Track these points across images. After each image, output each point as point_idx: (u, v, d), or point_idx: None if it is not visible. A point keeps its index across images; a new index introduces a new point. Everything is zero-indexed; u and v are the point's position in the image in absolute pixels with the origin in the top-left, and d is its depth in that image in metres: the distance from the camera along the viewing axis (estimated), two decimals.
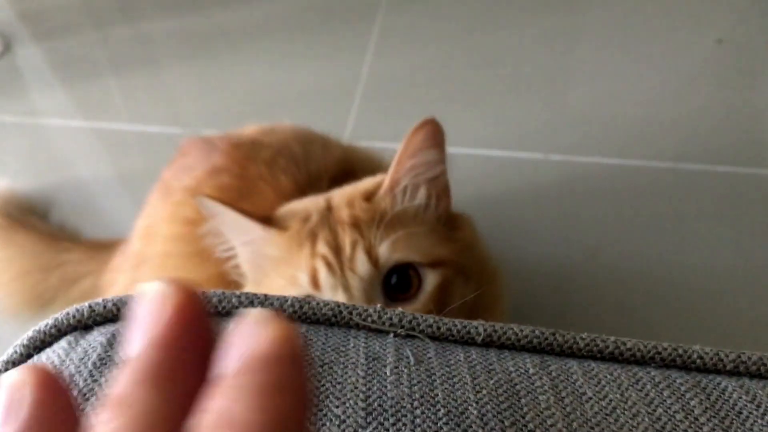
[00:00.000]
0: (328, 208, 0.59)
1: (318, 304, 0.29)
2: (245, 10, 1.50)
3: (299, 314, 0.29)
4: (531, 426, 0.24)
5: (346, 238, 0.55)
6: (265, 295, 0.29)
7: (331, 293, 0.54)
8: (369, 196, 0.59)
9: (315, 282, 0.55)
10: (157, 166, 1.15)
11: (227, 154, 0.74)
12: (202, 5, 1.53)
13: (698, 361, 0.29)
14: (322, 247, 0.55)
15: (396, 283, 0.55)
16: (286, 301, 0.29)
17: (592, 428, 0.24)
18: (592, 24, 1.34)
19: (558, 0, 1.40)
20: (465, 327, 0.29)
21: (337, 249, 0.55)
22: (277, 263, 0.59)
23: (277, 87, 1.30)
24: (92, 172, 1.22)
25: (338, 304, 0.30)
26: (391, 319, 0.29)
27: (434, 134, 0.57)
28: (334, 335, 0.29)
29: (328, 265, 0.55)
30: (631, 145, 1.10)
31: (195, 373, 0.18)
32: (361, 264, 0.54)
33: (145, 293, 0.18)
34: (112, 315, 0.28)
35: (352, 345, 0.28)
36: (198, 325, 0.18)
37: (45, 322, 0.28)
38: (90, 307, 0.28)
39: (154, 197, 0.81)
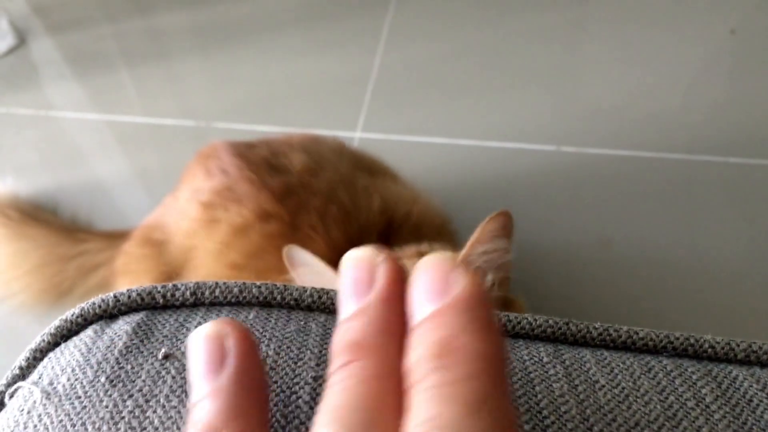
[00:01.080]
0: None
1: (335, 293, 0.30)
2: (257, 3, 1.51)
3: (317, 304, 0.30)
4: (545, 413, 0.24)
5: None
6: (285, 286, 0.30)
7: None
8: None
9: None
10: (170, 158, 1.16)
11: (277, 198, 0.72)
12: None
13: (710, 350, 0.29)
14: None
15: None
16: (305, 291, 0.30)
17: (605, 415, 0.25)
18: (605, 15, 1.34)
19: None
20: None
21: None
22: None
23: (289, 80, 1.31)
24: (106, 164, 1.23)
25: None
26: None
27: (506, 225, 0.59)
28: None
29: None
30: (643, 137, 1.10)
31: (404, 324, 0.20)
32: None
33: (359, 258, 0.21)
34: (136, 304, 0.29)
35: None
36: (403, 284, 0.21)
37: (71, 311, 0.29)
38: (115, 297, 0.29)
39: (190, 206, 0.78)
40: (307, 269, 0.58)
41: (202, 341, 0.22)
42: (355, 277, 0.21)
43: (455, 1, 1.43)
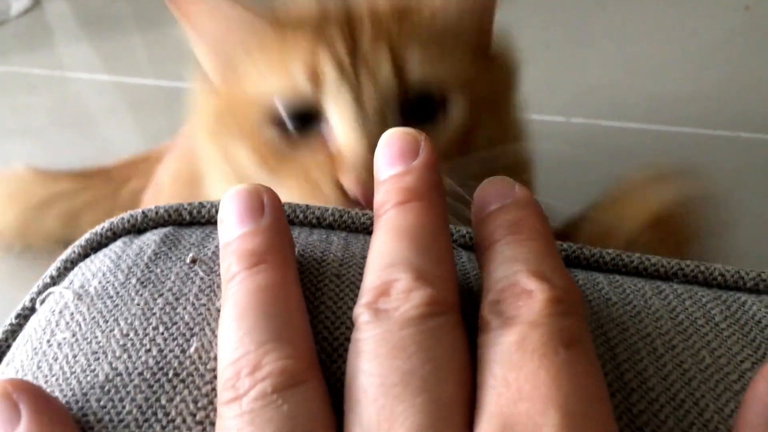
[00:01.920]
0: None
1: (357, 213, 0.31)
2: None
3: (338, 222, 0.31)
4: None
5: (367, 32, 0.43)
6: (306, 206, 0.31)
7: (334, 97, 0.42)
8: None
9: (315, 77, 0.42)
10: (182, 121, 1.17)
11: None
12: None
13: (719, 278, 0.30)
14: (334, 36, 0.43)
15: (417, 105, 0.44)
16: (327, 210, 0.31)
17: (617, 326, 0.26)
18: None
19: None
20: None
21: (352, 43, 0.43)
22: (258, 50, 0.46)
23: None
24: (117, 126, 1.24)
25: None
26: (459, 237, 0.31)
27: None
28: None
29: (338, 61, 0.42)
30: (655, 110, 1.10)
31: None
32: (384, 68, 0.42)
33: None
34: (163, 220, 0.30)
35: None
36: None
37: (101, 225, 0.30)
38: (143, 212, 0.30)
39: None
40: (206, 8, 0.48)
41: (241, 192, 0.25)
42: (401, 146, 0.25)
43: None
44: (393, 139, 0.25)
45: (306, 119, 0.44)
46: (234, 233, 0.24)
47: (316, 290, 0.25)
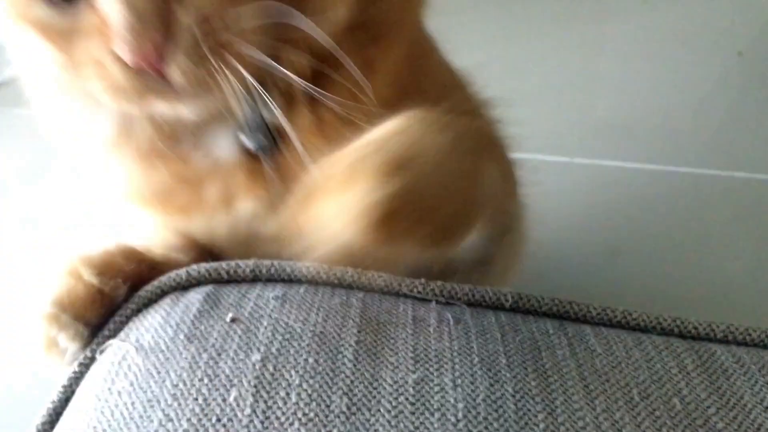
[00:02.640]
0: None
1: (373, 275, 0.34)
2: None
3: (357, 283, 0.34)
4: (550, 373, 0.29)
5: None
6: (329, 268, 0.34)
7: None
8: None
9: None
10: None
11: None
12: None
13: (693, 330, 0.34)
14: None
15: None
16: (347, 272, 0.34)
17: (600, 377, 0.29)
18: (617, 34, 1.37)
19: (585, 11, 1.42)
20: (496, 294, 0.34)
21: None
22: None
23: None
24: None
25: (390, 277, 0.34)
26: (433, 290, 0.34)
27: None
28: (387, 301, 0.34)
29: None
30: (653, 151, 1.13)
31: None
32: None
33: None
34: (204, 279, 0.34)
35: (401, 309, 0.33)
36: None
37: (151, 283, 0.34)
38: (187, 272, 0.34)
39: None
40: None
41: None
42: None
43: (471, 20, 1.47)
44: None
45: None
46: None
47: (336, 353, 0.29)
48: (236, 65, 0.33)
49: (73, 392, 0.31)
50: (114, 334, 0.33)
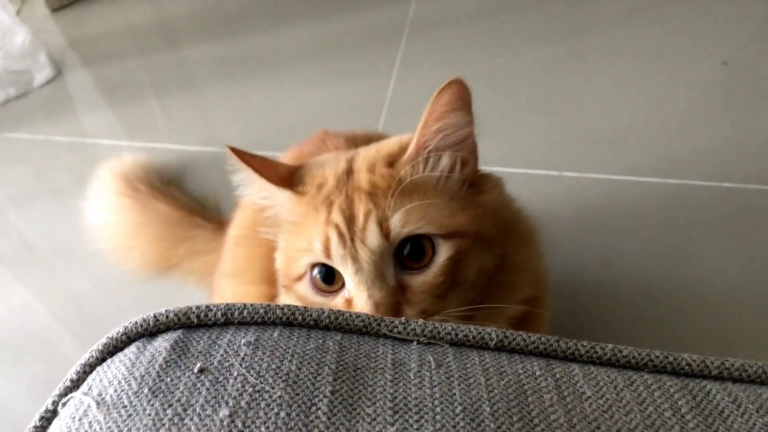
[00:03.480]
0: (348, 172, 0.56)
1: (351, 315, 0.32)
2: (279, 36, 1.54)
3: (334, 324, 0.32)
4: (536, 421, 0.27)
5: (361, 208, 0.52)
6: (305, 308, 0.32)
7: (341, 263, 0.52)
8: (392, 161, 0.55)
9: (327, 251, 0.52)
10: (195, 182, 1.19)
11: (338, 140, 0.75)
12: (238, 33, 1.58)
13: (686, 367, 0.31)
14: (337, 216, 0.52)
15: (409, 252, 0.51)
16: (323, 312, 0.32)
17: (589, 423, 0.27)
18: (602, 49, 1.36)
19: (570, 27, 1.41)
20: (479, 333, 0.31)
21: (350, 218, 0.52)
22: (296, 226, 0.56)
23: (308, 107, 1.34)
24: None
25: (368, 317, 0.32)
26: (414, 329, 0.32)
27: (461, 95, 0.54)
28: (365, 343, 0.31)
29: (340, 235, 0.52)
30: (641, 163, 1.12)
31: None
32: (372, 236, 0.51)
33: None
34: (173, 323, 0.32)
35: (381, 352, 0.31)
36: None
37: (116, 330, 0.32)
38: (155, 316, 0.32)
39: None
40: (245, 174, 0.58)
41: None
42: None
43: (461, 37, 1.46)
44: None
45: (333, 275, 0.54)
46: None
47: (311, 405, 0.27)
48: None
49: None
50: (77, 385, 0.30)
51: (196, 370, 0.28)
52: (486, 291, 0.54)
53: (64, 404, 0.30)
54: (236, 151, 0.59)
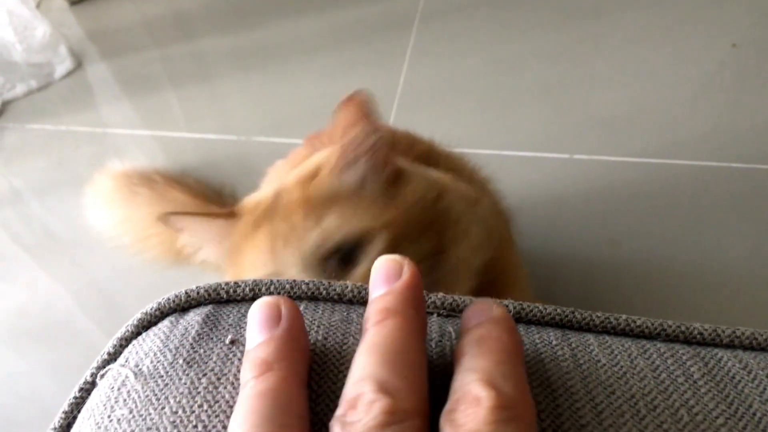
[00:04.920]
0: (276, 195, 0.58)
1: None
2: (291, 27, 1.55)
3: (357, 298, 0.33)
4: (554, 386, 0.27)
5: (282, 228, 0.54)
6: (329, 283, 0.33)
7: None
8: (311, 178, 0.57)
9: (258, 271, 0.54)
10: (214, 170, 1.20)
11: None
12: (253, 24, 1.58)
13: (698, 336, 0.32)
14: (262, 239, 0.55)
15: (340, 257, 0.53)
16: (347, 287, 0.33)
17: (605, 389, 0.27)
18: (612, 32, 1.36)
19: (580, 11, 1.41)
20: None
21: (274, 239, 0.54)
22: (235, 251, 0.59)
23: (321, 96, 1.35)
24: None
25: None
26: (434, 302, 0.33)
27: (360, 107, 0.56)
28: None
29: (267, 255, 0.54)
30: (651, 145, 1.12)
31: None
32: (292, 255, 0.53)
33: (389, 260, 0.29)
34: (204, 299, 0.33)
35: None
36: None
37: (150, 305, 0.33)
38: (186, 293, 0.33)
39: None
40: (192, 226, 0.60)
41: (262, 305, 0.28)
42: (385, 272, 0.28)
43: (472, 23, 1.46)
44: (379, 265, 0.29)
45: None
46: (252, 343, 0.27)
47: (336, 376, 0.27)
48: None
49: (74, 417, 0.30)
50: (114, 358, 0.31)
51: (227, 342, 0.29)
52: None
53: (102, 376, 0.31)
54: (176, 212, 0.61)
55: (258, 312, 0.28)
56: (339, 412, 0.24)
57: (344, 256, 0.53)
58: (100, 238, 1.10)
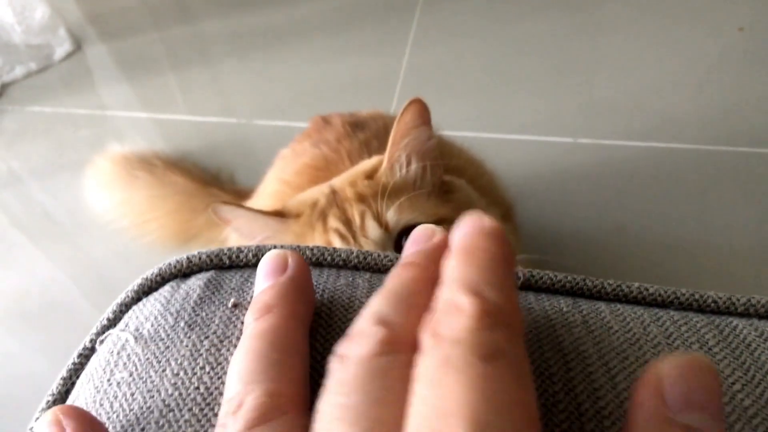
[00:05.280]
0: (333, 192, 0.62)
1: (379, 255, 0.32)
2: (293, 9, 1.54)
3: (362, 264, 0.32)
4: (566, 351, 0.27)
5: (355, 211, 0.58)
6: (334, 249, 0.32)
7: None
8: (370, 175, 0.62)
9: None
10: (214, 153, 1.20)
11: (336, 127, 0.79)
12: (253, 6, 1.57)
13: (713, 304, 0.31)
14: (334, 222, 0.58)
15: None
16: (352, 252, 0.32)
17: (618, 354, 0.27)
18: (618, 15, 1.35)
19: None
20: None
21: (347, 222, 0.58)
22: (280, 242, 0.61)
23: (323, 79, 1.34)
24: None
25: (397, 256, 0.32)
26: None
27: (421, 113, 0.59)
28: None
29: (341, 236, 0.58)
30: (655, 129, 1.11)
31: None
32: (372, 229, 0.57)
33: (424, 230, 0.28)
34: (206, 265, 0.32)
35: None
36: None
37: (150, 271, 0.32)
38: (188, 258, 0.32)
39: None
40: (240, 220, 0.61)
41: (271, 255, 0.28)
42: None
43: (476, 4, 1.45)
44: (265, 260, 0.29)
45: None
46: (258, 289, 0.28)
47: (342, 336, 0.27)
48: None
49: (72, 384, 0.29)
50: (113, 324, 0.31)
51: (230, 305, 0.29)
52: None
53: (101, 341, 0.30)
54: (228, 202, 0.62)
55: (266, 262, 0.28)
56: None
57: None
58: (99, 221, 1.09)
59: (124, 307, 0.31)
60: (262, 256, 0.32)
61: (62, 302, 1.08)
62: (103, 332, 0.31)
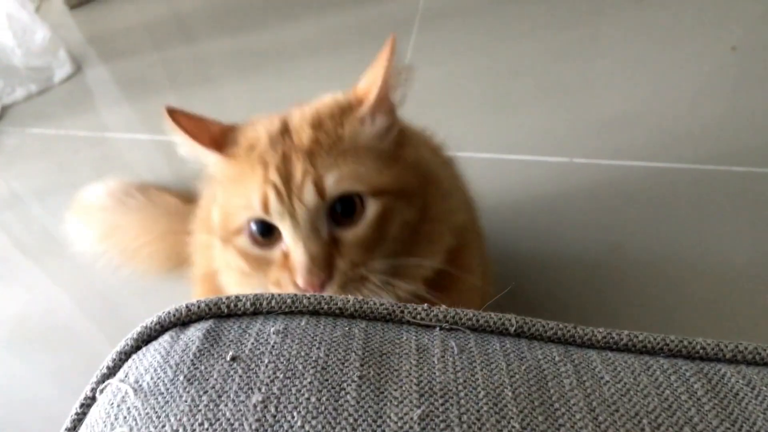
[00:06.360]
0: (283, 131, 0.58)
1: (375, 303, 0.33)
2: (291, 30, 1.55)
3: (359, 312, 0.33)
4: (557, 405, 0.27)
5: (299, 167, 0.55)
6: (331, 297, 0.33)
7: (279, 219, 0.55)
8: (338, 118, 0.58)
9: (265, 207, 0.55)
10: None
11: None
12: (253, 26, 1.58)
13: (701, 350, 0.32)
14: (274, 175, 0.55)
15: (342, 209, 0.55)
16: (348, 301, 0.33)
17: (608, 407, 0.27)
18: (612, 35, 1.36)
19: (579, 14, 1.41)
20: (500, 319, 0.32)
21: (287, 177, 0.55)
22: (232, 183, 0.59)
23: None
24: (155, 179, 1.26)
25: (392, 305, 0.33)
26: (437, 315, 0.33)
27: (393, 46, 0.59)
28: (390, 330, 0.32)
29: (278, 193, 0.54)
30: (650, 148, 1.12)
31: None
32: (308, 195, 0.54)
33: None
34: (204, 314, 0.32)
35: (404, 338, 0.31)
36: None
37: (150, 319, 0.33)
38: (187, 306, 0.32)
39: None
40: (181, 137, 0.62)
41: None
42: None
43: (472, 25, 1.46)
44: None
45: (271, 229, 0.56)
46: None
47: (339, 389, 0.27)
48: (370, 287, 0.55)
49: None
50: (113, 372, 0.31)
51: (228, 358, 0.29)
52: (409, 243, 0.57)
53: (101, 390, 0.30)
54: (171, 112, 0.62)
55: None
56: None
57: (344, 210, 0.55)
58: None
59: (124, 356, 0.32)
60: (260, 306, 0.32)
61: (64, 323, 1.08)
62: (103, 381, 0.31)
